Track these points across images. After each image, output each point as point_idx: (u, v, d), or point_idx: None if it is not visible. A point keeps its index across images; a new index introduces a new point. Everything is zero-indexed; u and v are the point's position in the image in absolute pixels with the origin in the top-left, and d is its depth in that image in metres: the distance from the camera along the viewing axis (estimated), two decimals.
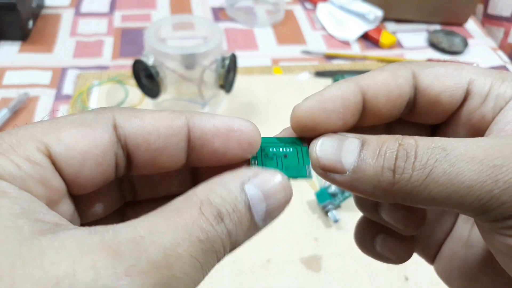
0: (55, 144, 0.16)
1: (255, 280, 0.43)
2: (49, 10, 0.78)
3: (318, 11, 0.83)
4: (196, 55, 0.54)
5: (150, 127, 0.18)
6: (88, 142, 0.16)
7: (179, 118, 0.18)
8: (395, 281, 0.44)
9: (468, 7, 0.83)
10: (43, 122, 0.17)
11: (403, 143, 0.17)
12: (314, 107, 0.20)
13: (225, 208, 0.16)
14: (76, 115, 0.17)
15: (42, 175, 0.15)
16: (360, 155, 0.18)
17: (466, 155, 0.16)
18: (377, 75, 0.20)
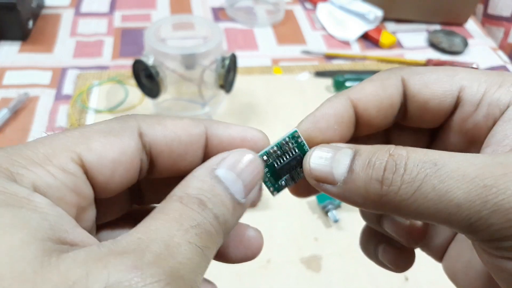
0: (87, 154, 0.17)
1: (255, 280, 0.43)
2: (49, 10, 0.78)
3: (318, 11, 0.83)
4: (196, 55, 0.54)
5: (173, 134, 0.19)
6: (117, 150, 0.17)
7: (199, 126, 0.19)
8: (395, 281, 0.44)
9: (468, 7, 0.83)
10: (74, 131, 0.17)
11: (394, 154, 0.17)
12: (309, 129, 0.21)
13: (204, 196, 0.17)
14: (103, 124, 0.18)
15: (75, 184, 0.16)
16: (351, 165, 0.18)
17: (457, 172, 0.16)
18: (366, 87, 0.21)
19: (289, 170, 0.21)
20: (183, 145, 0.19)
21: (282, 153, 0.21)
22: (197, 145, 0.19)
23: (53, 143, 0.17)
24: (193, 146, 0.19)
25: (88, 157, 0.17)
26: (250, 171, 0.18)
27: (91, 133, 0.17)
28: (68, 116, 0.59)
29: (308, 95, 0.65)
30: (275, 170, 0.21)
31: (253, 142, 0.20)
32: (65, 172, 0.16)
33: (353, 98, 0.21)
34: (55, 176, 0.16)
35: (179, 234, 0.15)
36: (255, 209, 0.49)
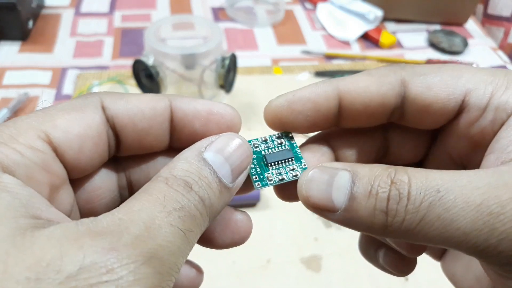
0: (53, 131, 0.17)
1: (255, 280, 0.43)
2: (49, 10, 0.78)
3: (318, 11, 0.83)
4: (196, 55, 0.54)
5: (136, 108, 0.19)
6: (82, 124, 0.17)
7: (163, 100, 0.19)
8: (395, 281, 0.44)
9: (468, 7, 0.83)
10: (37, 112, 0.17)
11: (396, 180, 0.16)
12: (282, 108, 0.20)
13: (190, 178, 0.16)
14: (66, 103, 0.18)
15: (45, 161, 0.16)
16: (352, 192, 0.17)
17: (461, 199, 0.15)
18: (360, 81, 0.20)
19: (278, 164, 0.20)
20: (146, 119, 0.19)
21: (273, 145, 0.21)
22: (161, 118, 0.19)
23: (17, 124, 0.16)
24: (157, 120, 0.19)
25: (54, 133, 0.17)
26: (238, 155, 0.18)
27: (54, 111, 0.17)
28: None
29: None
30: (263, 159, 0.20)
31: (220, 116, 0.19)
32: (33, 150, 0.16)
33: (341, 88, 0.20)
34: (22, 153, 0.16)
35: (161, 216, 0.15)
36: (255, 209, 0.49)
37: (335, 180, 0.17)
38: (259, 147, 0.21)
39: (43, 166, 0.16)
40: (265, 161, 0.20)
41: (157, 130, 0.19)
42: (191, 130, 0.20)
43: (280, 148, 0.21)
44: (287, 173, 0.20)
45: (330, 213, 0.18)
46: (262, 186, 0.20)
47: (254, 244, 0.47)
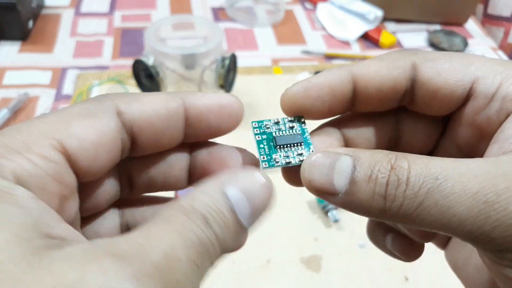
0: (68, 140, 0.16)
1: (255, 280, 0.43)
2: (49, 10, 0.78)
3: (318, 11, 0.83)
4: (196, 55, 0.54)
5: (151, 110, 0.18)
6: (97, 132, 0.17)
7: (175, 99, 0.19)
8: (395, 281, 0.44)
9: (468, 7, 0.83)
10: (50, 116, 0.17)
11: (396, 166, 0.17)
12: (299, 94, 0.20)
13: (209, 213, 0.16)
14: (79, 106, 0.17)
15: (58, 172, 0.16)
16: (352, 177, 0.17)
17: (459, 186, 0.15)
18: (372, 65, 0.20)
19: (286, 147, 0.21)
20: (162, 119, 0.19)
21: (284, 128, 0.21)
22: (176, 117, 0.19)
23: (30, 129, 0.16)
24: (173, 119, 0.19)
25: (69, 142, 0.16)
26: (261, 197, 0.18)
27: (68, 117, 0.17)
28: None
29: None
30: (272, 141, 0.21)
31: (230, 107, 0.20)
32: (47, 160, 0.15)
33: (355, 73, 0.20)
34: (36, 164, 0.15)
35: (180, 248, 0.15)
36: None
37: (336, 164, 0.18)
38: (270, 128, 0.21)
39: (56, 177, 0.16)
40: (275, 142, 0.21)
41: (173, 129, 0.19)
42: (206, 124, 0.20)
43: (291, 131, 0.21)
44: (294, 157, 0.21)
45: (331, 196, 0.18)
46: (268, 166, 0.20)
47: (254, 244, 0.47)
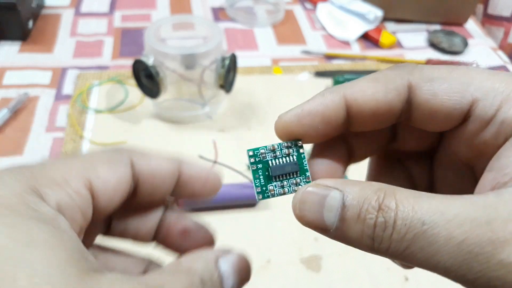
0: (96, 180, 0.19)
1: (255, 280, 0.43)
2: (49, 10, 0.78)
3: (318, 11, 0.83)
4: (196, 55, 0.54)
5: (156, 168, 0.22)
6: (117, 178, 0.20)
7: (174, 163, 0.22)
8: (395, 281, 0.44)
9: (468, 7, 0.83)
10: (82, 158, 0.20)
11: (383, 206, 0.17)
12: (292, 123, 0.21)
13: (206, 276, 0.19)
14: (104, 154, 0.21)
15: (84, 206, 0.18)
16: (341, 214, 0.18)
17: (444, 233, 0.16)
18: (366, 88, 0.20)
19: (282, 176, 0.21)
20: (162, 177, 0.22)
21: (280, 155, 0.21)
22: (172, 177, 0.22)
23: (67, 167, 0.19)
24: (169, 178, 0.22)
25: (96, 183, 0.19)
26: (243, 275, 0.20)
27: (96, 160, 0.20)
28: (68, 116, 0.59)
29: (308, 95, 0.65)
30: (268, 171, 0.21)
31: (214, 180, 0.23)
32: (80, 195, 0.18)
33: (348, 97, 0.20)
34: (72, 198, 0.18)
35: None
36: (255, 209, 0.49)
37: (326, 201, 0.18)
38: (266, 156, 0.21)
39: (82, 211, 0.18)
40: (270, 173, 0.21)
41: (167, 185, 0.22)
42: (190, 188, 0.23)
43: (287, 159, 0.21)
44: (289, 186, 0.21)
45: (323, 231, 0.19)
46: (263, 198, 0.21)
47: (254, 244, 0.47)
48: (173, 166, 0.22)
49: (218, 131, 0.58)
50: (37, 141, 0.55)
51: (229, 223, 0.48)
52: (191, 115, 0.60)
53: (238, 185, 0.49)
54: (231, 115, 0.61)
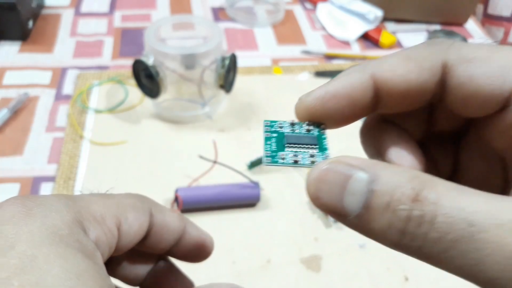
0: (123, 222, 0.20)
1: (255, 280, 0.43)
2: (49, 10, 0.78)
3: (318, 11, 0.83)
4: (196, 55, 0.54)
5: (168, 222, 0.23)
6: (140, 224, 0.21)
7: (182, 222, 0.24)
8: (395, 281, 0.44)
9: (468, 7, 0.83)
10: (115, 198, 0.21)
11: (421, 198, 0.14)
12: (315, 106, 0.18)
13: None
14: (131, 198, 0.22)
15: (112, 244, 0.20)
16: (366, 201, 0.15)
17: (495, 240, 0.13)
18: (397, 68, 0.17)
19: (297, 146, 0.18)
20: (171, 231, 0.23)
21: (299, 130, 0.19)
22: (178, 234, 0.23)
23: (105, 205, 0.20)
24: (176, 234, 0.23)
25: (124, 225, 0.20)
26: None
27: (126, 205, 0.21)
28: (68, 116, 0.59)
29: None
30: (283, 139, 0.19)
31: (209, 248, 0.25)
32: (112, 234, 0.19)
33: (378, 77, 0.18)
34: (106, 235, 0.19)
35: None
36: (255, 209, 0.49)
37: (349, 183, 0.15)
38: (283, 128, 0.19)
39: (110, 247, 0.19)
40: (285, 140, 0.18)
41: (170, 241, 0.23)
42: (187, 250, 0.24)
43: (306, 134, 0.19)
44: (304, 158, 0.18)
45: (340, 216, 0.16)
46: (271, 162, 0.18)
47: (254, 244, 0.47)
48: (181, 224, 0.23)
49: (218, 131, 0.58)
50: (37, 141, 0.55)
51: (229, 223, 0.48)
52: (191, 115, 0.60)
53: (238, 185, 0.49)
54: (231, 115, 0.61)
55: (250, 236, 0.47)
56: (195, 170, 0.51)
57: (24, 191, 0.49)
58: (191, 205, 0.48)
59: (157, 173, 0.52)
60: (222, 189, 0.49)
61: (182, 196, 0.47)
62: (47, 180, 0.51)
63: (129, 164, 0.53)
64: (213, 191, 0.48)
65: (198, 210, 0.48)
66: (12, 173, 0.51)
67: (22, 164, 0.53)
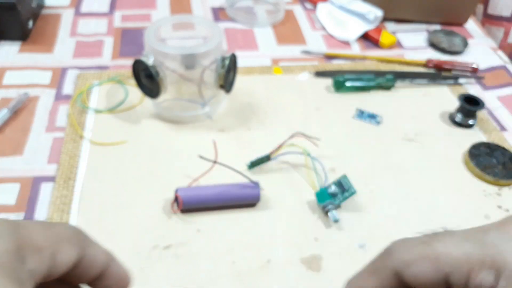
0: (59, 253, 0.22)
1: (255, 280, 0.43)
2: (49, 10, 0.78)
3: (318, 11, 0.83)
4: (196, 55, 0.54)
5: (97, 256, 0.24)
6: (71, 256, 0.22)
7: (109, 257, 0.25)
8: None
9: (468, 7, 0.83)
10: (56, 228, 0.22)
11: None
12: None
13: None
14: (68, 230, 0.23)
15: (46, 274, 0.21)
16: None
17: None
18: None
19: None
20: (97, 266, 0.24)
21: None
22: (102, 266, 0.25)
23: (45, 235, 0.22)
24: (100, 266, 0.24)
25: (58, 255, 0.22)
26: None
27: (63, 236, 0.22)
28: (68, 116, 0.59)
29: (308, 95, 0.65)
30: None
31: (127, 282, 0.26)
32: (47, 263, 0.21)
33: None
34: (43, 265, 0.21)
35: None
36: (255, 209, 0.49)
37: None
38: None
39: (43, 276, 0.21)
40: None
41: (92, 275, 0.24)
42: (105, 283, 0.25)
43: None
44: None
45: None
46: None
47: (254, 244, 0.47)
48: (107, 259, 0.25)
49: (218, 131, 0.58)
50: (37, 141, 0.55)
51: (229, 223, 0.48)
52: (191, 115, 0.60)
53: (238, 185, 0.49)
54: (231, 115, 0.61)
55: (250, 236, 0.47)
56: (195, 170, 0.51)
57: (24, 191, 0.49)
58: (191, 205, 0.48)
59: (157, 173, 0.52)
60: (222, 189, 0.49)
61: (182, 196, 0.47)
62: (47, 180, 0.51)
63: (129, 164, 0.53)
64: (213, 191, 0.48)
65: (198, 210, 0.48)
66: (12, 173, 0.51)
67: (22, 164, 0.53)
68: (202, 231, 0.47)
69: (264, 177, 0.52)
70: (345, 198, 0.49)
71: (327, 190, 0.49)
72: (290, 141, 0.53)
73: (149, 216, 0.48)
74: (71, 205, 0.48)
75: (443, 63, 0.73)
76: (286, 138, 0.53)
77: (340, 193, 0.49)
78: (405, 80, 0.69)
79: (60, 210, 0.47)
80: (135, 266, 0.43)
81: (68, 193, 0.49)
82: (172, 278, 0.43)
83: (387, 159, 0.57)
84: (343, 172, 0.52)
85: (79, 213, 0.47)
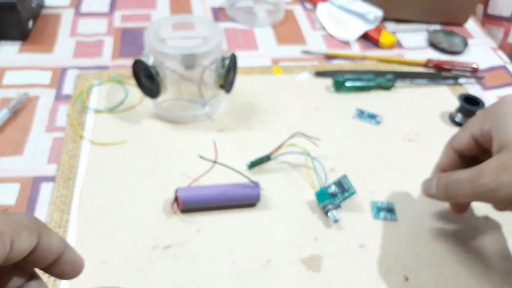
0: (17, 240, 0.24)
1: (255, 280, 0.43)
2: (49, 10, 0.78)
3: (318, 11, 0.83)
4: (196, 55, 0.54)
5: (52, 244, 0.26)
6: (29, 243, 0.24)
7: (64, 244, 0.27)
8: (395, 281, 0.44)
9: (468, 7, 0.83)
10: (16, 218, 0.24)
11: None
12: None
13: None
14: (27, 220, 0.25)
15: (4, 257, 0.23)
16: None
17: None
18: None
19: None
20: (52, 252, 0.26)
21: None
22: (58, 253, 0.27)
23: (5, 223, 0.24)
24: (55, 253, 0.26)
25: (16, 242, 0.23)
26: None
27: (22, 224, 0.24)
28: (68, 116, 0.59)
29: (308, 95, 0.65)
30: None
31: (80, 267, 0.28)
32: (5, 249, 0.23)
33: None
34: (0, 250, 0.23)
35: None
36: (255, 209, 0.49)
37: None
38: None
39: (1, 261, 0.23)
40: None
41: (48, 261, 0.26)
42: (61, 268, 0.27)
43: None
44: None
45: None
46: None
47: (254, 244, 0.47)
48: (62, 246, 0.26)
49: (218, 131, 0.58)
50: (37, 141, 0.55)
51: (229, 223, 0.48)
52: (191, 115, 0.60)
53: (238, 185, 0.49)
54: (231, 115, 0.61)
55: (250, 236, 0.47)
56: (195, 170, 0.51)
57: (24, 191, 0.49)
58: (191, 205, 0.48)
59: (157, 173, 0.52)
60: (222, 189, 0.49)
61: (182, 196, 0.47)
62: (47, 180, 0.51)
63: (129, 164, 0.53)
64: (213, 191, 0.48)
65: (198, 210, 0.48)
66: (12, 173, 0.51)
67: (22, 164, 0.53)
68: (202, 231, 0.47)
69: (264, 177, 0.52)
70: (345, 198, 0.49)
71: (327, 190, 0.49)
72: (290, 141, 0.53)
73: (149, 216, 0.48)
74: (71, 205, 0.48)
75: (443, 63, 0.73)
76: (286, 138, 0.53)
77: (340, 193, 0.49)
78: (405, 80, 0.69)
79: (60, 210, 0.47)
80: (135, 266, 0.43)
81: (68, 193, 0.49)
82: (172, 278, 0.43)
83: (387, 159, 0.57)
84: (343, 172, 0.52)
85: (79, 213, 0.47)
